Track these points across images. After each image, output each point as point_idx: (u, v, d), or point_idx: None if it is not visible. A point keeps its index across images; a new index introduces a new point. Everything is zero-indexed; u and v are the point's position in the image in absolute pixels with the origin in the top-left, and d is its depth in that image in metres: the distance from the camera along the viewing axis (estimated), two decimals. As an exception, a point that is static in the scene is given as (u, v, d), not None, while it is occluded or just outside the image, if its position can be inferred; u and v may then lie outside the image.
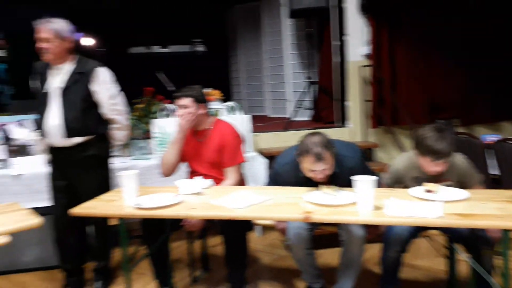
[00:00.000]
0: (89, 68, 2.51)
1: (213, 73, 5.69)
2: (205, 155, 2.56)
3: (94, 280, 2.74)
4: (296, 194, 2.08)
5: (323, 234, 2.81)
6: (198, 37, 5.77)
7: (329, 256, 2.94)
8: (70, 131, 2.48)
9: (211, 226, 2.62)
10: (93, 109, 2.55)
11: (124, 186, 2.08)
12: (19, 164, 3.03)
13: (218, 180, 2.50)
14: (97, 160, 2.60)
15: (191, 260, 2.82)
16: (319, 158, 2.04)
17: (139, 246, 2.70)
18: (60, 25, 2.46)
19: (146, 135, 3.47)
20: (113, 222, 2.66)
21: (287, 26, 5.52)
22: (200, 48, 5.76)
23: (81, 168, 2.55)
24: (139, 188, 2.13)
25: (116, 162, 3.10)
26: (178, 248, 3.15)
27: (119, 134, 2.69)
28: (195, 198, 2.13)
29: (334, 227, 2.38)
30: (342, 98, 4.46)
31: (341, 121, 4.48)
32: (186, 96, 2.49)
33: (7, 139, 3.23)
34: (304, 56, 5.39)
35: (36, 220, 1.86)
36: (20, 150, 3.14)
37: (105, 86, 2.54)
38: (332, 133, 4.22)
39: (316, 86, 4.94)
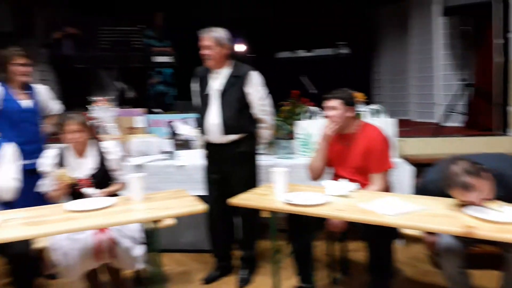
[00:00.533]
0: (244, 72, 2.74)
1: (355, 76, 5.61)
2: (350, 160, 2.55)
3: (241, 268, 2.96)
4: (453, 205, 1.93)
5: (477, 253, 2.54)
6: (342, 40, 5.76)
7: (483, 279, 2.65)
8: (227, 129, 2.73)
9: (352, 229, 2.60)
10: (246, 109, 2.77)
11: (276, 182, 2.21)
12: (183, 156, 3.45)
13: (362, 186, 2.46)
14: (247, 156, 2.82)
15: (331, 261, 2.85)
16: (467, 188, 1.85)
17: (283, 241, 2.82)
18: (220, 33, 2.71)
19: (290, 136, 3.61)
20: (261, 215, 2.87)
21: (439, 25, 5.14)
22: (344, 51, 5.73)
23: (233, 163, 2.78)
24: (288, 185, 2.24)
25: (262, 159, 3.31)
26: (317, 247, 3.20)
27: (265, 133, 2.89)
28: (342, 200, 2.15)
29: (493, 246, 2.14)
30: (504, 102, 3.97)
31: (502, 128, 3.99)
32: (336, 98, 2.52)
33: (174, 134, 3.72)
34: (458, 56, 4.95)
35: (200, 207, 2.10)
36: (184, 144, 3.58)
37: (256, 88, 2.75)
38: (489, 142, 3.81)
39: (472, 89, 4.48)
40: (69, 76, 5.41)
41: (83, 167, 2.50)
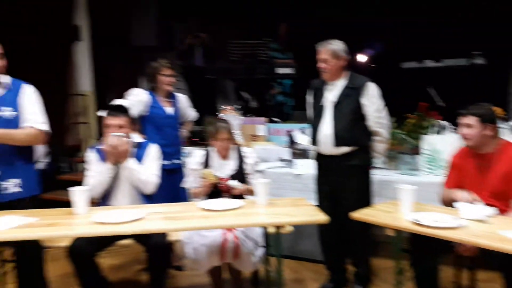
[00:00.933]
0: (360, 83, 2.70)
1: (491, 88, 5.08)
2: (487, 183, 2.31)
3: (354, 283, 2.90)
4: None
5: None
6: (477, 49, 5.27)
7: None
8: (339, 141, 2.70)
9: (485, 257, 2.36)
10: (360, 121, 2.72)
11: (402, 199, 2.13)
12: (300, 165, 3.51)
13: (501, 212, 2.22)
14: (359, 169, 2.75)
15: (458, 289, 2.62)
16: None
17: (404, 261, 2.69)
18: (336, 45, 2.70)
19: (414, 151, 3.42)
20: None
21: None
22: (479, 61, 5.24)
23: (344, 175, 2.73)
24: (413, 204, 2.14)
25: (381, 174, 3.22)
26: (442, 273, 2.97)
27: (380, 146, 2.80)
28: (478, 225, 1.97)
29: None
30: None
31: None
32: (472, 114, 2.32)
33: (292, 143, 3.81)
34: None
35: (322, 217, 2.12)
36: (302, 154, 3.64)
37: (373, 100, 2.69)
38: None
39: None
40: (199, 86, 5.92)
41: (225, 168, 2.73)
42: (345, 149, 2.72)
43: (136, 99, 3.15)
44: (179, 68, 5.68)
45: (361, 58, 6.31)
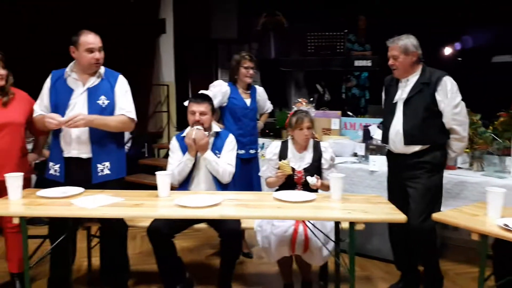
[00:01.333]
0: (434, 78, 2.55)
1: None
2: None
3: (425, 286, 2.76)
4: None
5: None
6: None
7: None
8: (409, 139, 2.58)
9: None
10: (434, 118, 2.56)
11: (490, 202, 1.98)
12: (375, 162, 3.41)
13: None
14: (430, 168, 2.60)
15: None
16: None
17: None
18: (406, 41, 2.56)
19: (505, 152, 3.15)
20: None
21: None
22: None
23: (414, 174, 2.61)
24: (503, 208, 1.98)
25: (460, 175, 3.05)
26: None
27: (456, 145, 2.62)
28: None
29: None
30: None
31: None
32: None
33: (368, 138, 3.70)
34: None
35: (401, 216, 2.05)
36: (377, 149, 3.53)
37: (449, 95, 2.53)
38: None
39: None
40: (272, 78, 5.96)
41: (301, 161, 2.73)
42: (416, 148, 2.59)
43: (218, 90, 3.27)
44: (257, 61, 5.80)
45: (447, 51, 5.92)
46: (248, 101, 3.36)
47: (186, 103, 3.13)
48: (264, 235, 2.59)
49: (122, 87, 2.61)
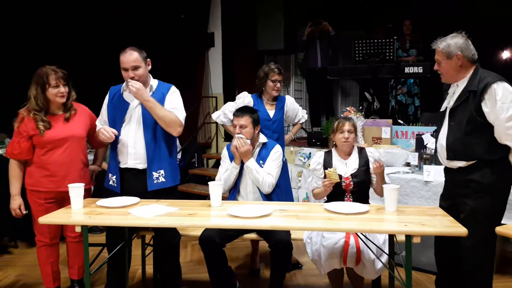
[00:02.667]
0: (482, 85, 2.22)
1: None
2: None
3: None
4: None
5: None
6: None
7: None
8: (451, 153, 2.34)
9: None
10: (481, 132, 2.24)
11: None
12: (430, 171, 3.27)
13: None
14: (478, 188, 2.28)
15: None
16: None
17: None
18: (448, 43, 2.30)
19: None
20: None
21: None
22: None
23: (463, 193, 2.34)
24: None
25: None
26: None
27: None
28: None
29: None
30: None
31: None
32: None
33: (421, 147, 3.57)
34: None
35: (462, 230, 1.94)
36: (431, 159, 3.39)
37: (498, 106, 2.18)
38: None
39: None
40: (319, 87, 5.92)
41: (346, 167, 2.69)
42: (459, 163, 2.32)
43: (241, 102, 3.31)
44: (300, 70, 5.76)
45: (506, 55, 5.60)
46: (271, 113, 3.34)
47: (215, 118, 3.30)
48: (315, 247, 2.56)
49: (173, 95, 2.67)
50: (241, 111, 2.89)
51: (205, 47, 6.05)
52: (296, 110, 3.52)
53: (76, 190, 2.35)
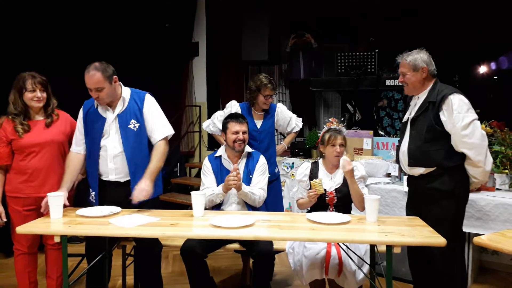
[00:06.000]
0: (440, 96, 2.40)
1: None
2: None
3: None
4: None
5: None
6: None
7: None
8: (411, 161, 2.48)
9: None
10: (439, 140, 2.40)
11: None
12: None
13: None
14: (441, 194, 2.42)
15: None
16: None
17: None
18: (415, 56, 2.47)
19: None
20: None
21: None
22: None
23: (426, 200, 2.48)
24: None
25: (502, 197, 2.92)
26: None
27: (472, 170, 2.41)
28: None
29: None
30: None
31: None
32: None
33: (401, 159, 3.63)
34: None
35: (440, 240, 1.98)
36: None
37: (454, 115, 2.33)
38: None
39: None
40: (301, 98, 5.99)
41: (331, 181, 2.70)
42: (419, 170, 2.47)
43: (229, 111, 3.26)
44: (284, 81, 5.80)
45: (483, 70, 5.78)
46: (259, 123, 3.28)
47: (205, 127, 3.27)
48: (297, 258, 2.56)
49: (150, 107, 2.60)
50: (241, 117, 2.92)
51: (189, 56, 6.06)
52: (287, 119, 3.43)
53: (54, 200, 2.30)
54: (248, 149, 2.95)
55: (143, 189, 2.40)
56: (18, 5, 4.36)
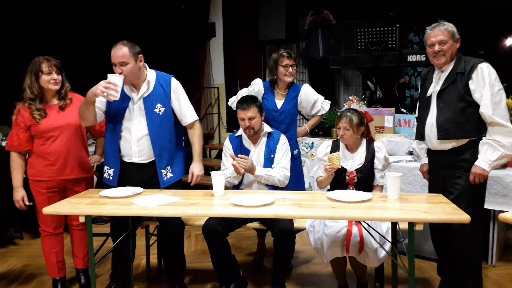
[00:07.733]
0: (468, 67, 2.37)
1: None
2: None
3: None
4: None
5: None
6: None
7: None
8: (444, 134, 2.42)
9: None
10: (470, 110, 2.37)
11: None
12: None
13: None
14: (469, 167, 2.39)
15: None
16: None
17: None
18: (452, 26, 2.43)
19: None
20: None
21: None
22: None
23: (454, 174, 2.43)
24: None
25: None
26: None
27: (505, 139, 2.32)
28: None
29: None
30: None
31: None
32: None
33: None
34: None
35: (465, 216, 1.94)
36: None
37: (484, 84, 2.32)
38: None
39: None
40: (320, 76, 5.90)
41: (352, 161, 2.66)
42: (452, 144, 2.42)
43: (252, 89, 3.20)
44: (302, 60, 5.70)
45: (510, 42, 5.55)
46: (279, 103, 3.14)
47: (230, 103, 3.22)
48: (317, 236, 2.56)
49: (178, 92, 2.63)
50: (245, 102, 2.80)
51: (206, 37, 6.02)
52: (311, 101, 3.21)
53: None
54: (268, 128, 2.92)
55: (199, 173, 2.67)
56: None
